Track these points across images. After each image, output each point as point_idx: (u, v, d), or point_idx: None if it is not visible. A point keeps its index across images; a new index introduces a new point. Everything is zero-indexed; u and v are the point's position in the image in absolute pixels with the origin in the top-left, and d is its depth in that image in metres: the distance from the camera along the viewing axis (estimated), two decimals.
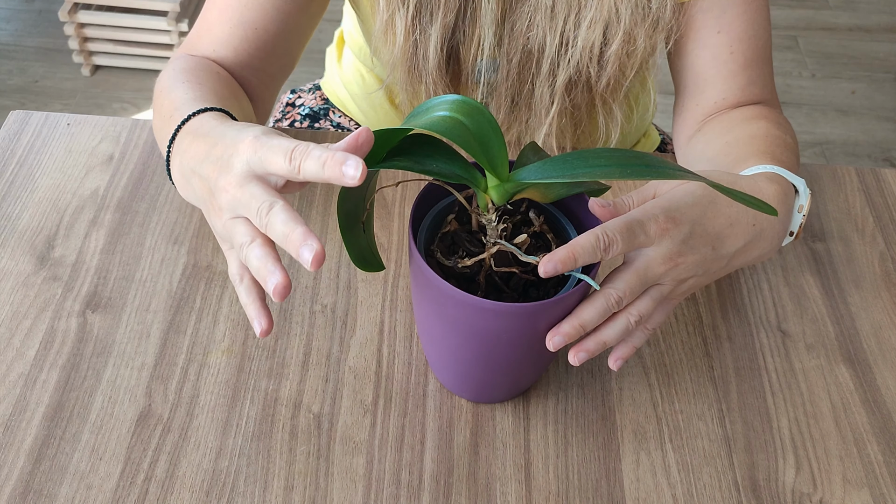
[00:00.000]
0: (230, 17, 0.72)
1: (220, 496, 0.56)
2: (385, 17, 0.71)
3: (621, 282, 0.51)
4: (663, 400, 0.62)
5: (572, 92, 0.74)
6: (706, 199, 0.55)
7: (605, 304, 0.51)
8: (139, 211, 0.73)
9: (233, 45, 0.72)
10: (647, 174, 0.45)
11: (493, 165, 0.48)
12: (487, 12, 0.70)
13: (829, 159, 2.01)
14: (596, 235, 0.49)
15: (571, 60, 0.71)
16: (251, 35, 0.72)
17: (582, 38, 0.69)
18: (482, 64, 0.74)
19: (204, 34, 0.73)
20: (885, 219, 0.77)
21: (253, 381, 0.62)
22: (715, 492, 0.57)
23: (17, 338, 0.63)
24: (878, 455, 0.60)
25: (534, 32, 0.70)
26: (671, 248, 0.52)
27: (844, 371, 0.65)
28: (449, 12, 0.70)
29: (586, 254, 0.49)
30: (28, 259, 0.69)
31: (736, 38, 0.73)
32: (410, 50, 0.72)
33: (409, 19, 0.70)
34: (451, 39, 0.72)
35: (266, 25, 0.72)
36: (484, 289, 0.52)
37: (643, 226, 0.51)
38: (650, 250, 0.52)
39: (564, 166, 0.47)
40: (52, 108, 2.04)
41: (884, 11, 2.46)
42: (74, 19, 2.02)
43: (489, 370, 0.56)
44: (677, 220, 0.52)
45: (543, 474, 0.58)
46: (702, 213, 0.54)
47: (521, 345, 0.52)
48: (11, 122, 0.80)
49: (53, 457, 0.57)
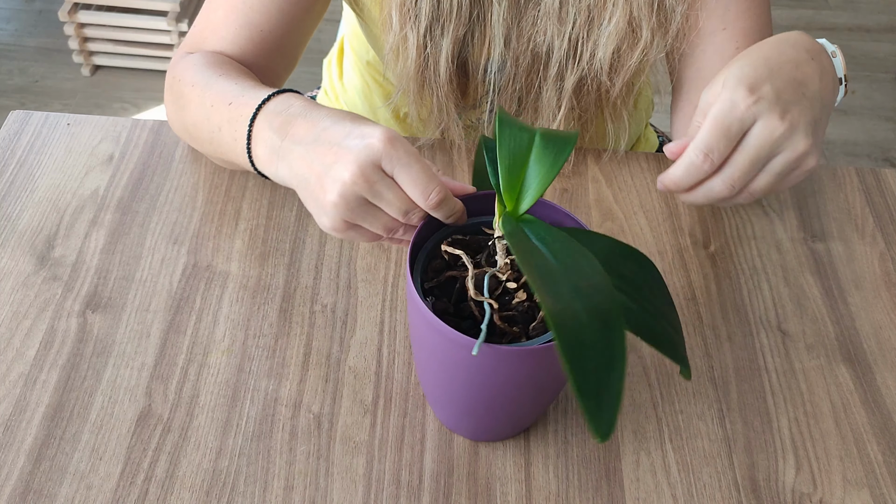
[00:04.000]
0: (236, 19, 0.72)
1: (220, 496, 0.56)
2: (398, 34, 0.71)
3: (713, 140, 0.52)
4: (663, 400, 0.62)
5: (581, 96, 0.74)
6: (760, 59, 0.54)
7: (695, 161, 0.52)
8: (139, 211, 0.73)
9: (239, 45, 0.72)
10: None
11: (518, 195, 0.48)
12: (499, 22, 0.70)
13: (829, 159, 2.01)
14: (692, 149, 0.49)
15: (580, 66, 0.71)
16: (257, 36, 0.72)
17: (600, 50, 0.69)
18: (492, 68, 0.74)
19: (208, 34, 0.73)
20: (885, 219, 0.77)
21: (253, 381, 0.62)
22: (715, 492, 0.57)
23: (17, 338, 0.63)
24: (878, 455, 0.60)
25: (540, 35, 0.70)
26: (772, 110, 0.51)
27: (844, 371, 0.65)
28: (461, 25, 0.70)
29: (693, 170, 0.50)
30: (28, 259, 0.69)
31: (741, 35, 0.73)
32: (423, 65, 0.72)
33: (422, 35, 0.70)
34: (461, 51, 0.72)
35: (271, 27, 0.72)
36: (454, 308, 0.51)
37: (730, 113, 0.50)
38: (757, 127, 0.51)
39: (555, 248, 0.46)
40: (52, 108, 2.04)
41: (884, 11, 2.46)
42: (74, 19, 2.02)
43: (489, 411, 0.55)
44: (755, 85, 0.51)
45: (543, 474, 0.58)
46: (769, 70, 0.53)
47: (520, 386, 0.52)
48: (11, 122, 0.80)
49: (53, 457, 0.57)
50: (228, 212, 0.73)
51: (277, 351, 0.63)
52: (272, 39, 0.73)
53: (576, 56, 0.70)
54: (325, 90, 1.01)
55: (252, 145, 0.60)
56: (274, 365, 0.63)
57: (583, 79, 0.72)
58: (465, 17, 0.70)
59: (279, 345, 0.64)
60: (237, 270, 0.68)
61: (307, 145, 0.55)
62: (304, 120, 0.57)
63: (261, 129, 0.59)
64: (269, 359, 0.63)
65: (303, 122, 0.56)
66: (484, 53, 0.73)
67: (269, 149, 0.58)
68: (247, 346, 0.64)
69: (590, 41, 0.69)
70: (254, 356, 0.63)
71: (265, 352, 0.63)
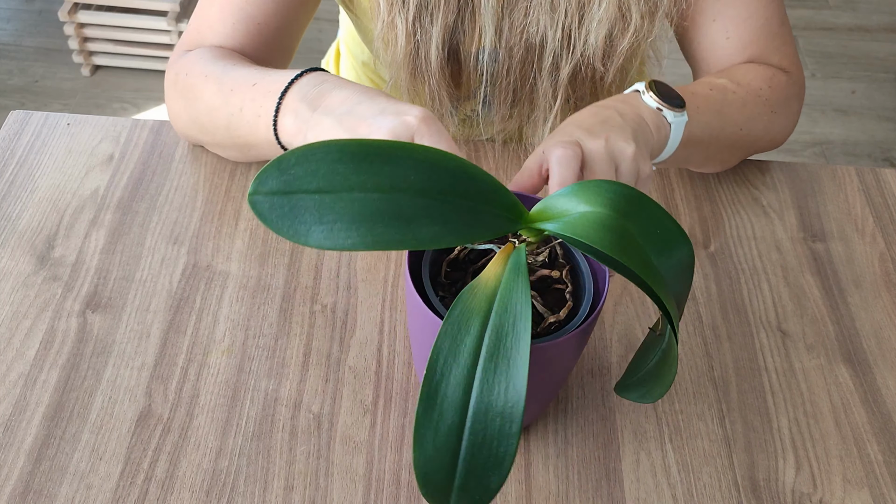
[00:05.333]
0: (232, 13, 0.72)
1: (220, 496, 0.56)
2: (386, 20, 0.71)
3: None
4: (663, 400, 0.62)
5: (577, 86, 0.74)
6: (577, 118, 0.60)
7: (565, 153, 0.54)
8: (139, 211, 0.73)
9: (237, 39, 0.73)
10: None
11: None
12: (488, 8, 0.70)
13: (829, 159, 2.01)
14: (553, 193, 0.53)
15: (574, 55, 0.71)
16: (254, 30, 0.73)
17: (592, 35, 0.70)
18: (484, 57, 0.74)
19: (206, 31, 0.73)
20: (885, 219, 0.77)
21: (253, 381, 0.62)
22: (715, 492, 0.57)
23: (17, 338, 0.63)
24: (878, 455, 0.60)
25: (533, 26, 0.70)
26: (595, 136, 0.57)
27: (844, 371, 0.65)
28: (450, 12, 0.70)
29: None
30: (28, 259, 0.69)
31: (731, 23, 0.74)
32: (412, 52, 0.72)
33: (410, 21, 0.70)
34: (451, 38, 0.72)
35: (267, 20, 0.73)
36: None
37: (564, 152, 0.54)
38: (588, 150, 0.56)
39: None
40: (52, 108, 2.04)
41: (884, 11, 2.46)
42: (74, 19, 2.02)
43: None
44: (575, 129, 0.57)
45: (543, 474, 0.58)
46: (582, 118, 0.59)
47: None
48: (11, 122, 0.80)
49: (53, 457, 0.57)
50: (228, 212, 0.73)
51: (277, 351, 0.63)
52: (269, 32, 0.74)
53: (570, 46, 0.71)
54: None
55: (279, 117, 0.61)
56: (274, 365, 0.63)
57: (577, 67, 0.72)
58: (454, 3, 0.70)
59: (279, 345, 0.64)
60: (237, 270, 0.68)
61: (340, 116, 0.55)
62: (339, 92, 0.58)
63: (291, 100, 0.60)
64: (269, 359, 0.63)
65: (338, 95, 0.57)
66: (475, 41, 0.73)
67: (299, 119, 0.59)
68: (247, 346, 0.64)
69: (582, 28, 0.70)
70: (254, 356, 0.63)
71: (265, 352, 0.63)
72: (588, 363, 0.64)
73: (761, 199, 0.77)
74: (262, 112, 0.62)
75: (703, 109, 0.67)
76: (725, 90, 0.70)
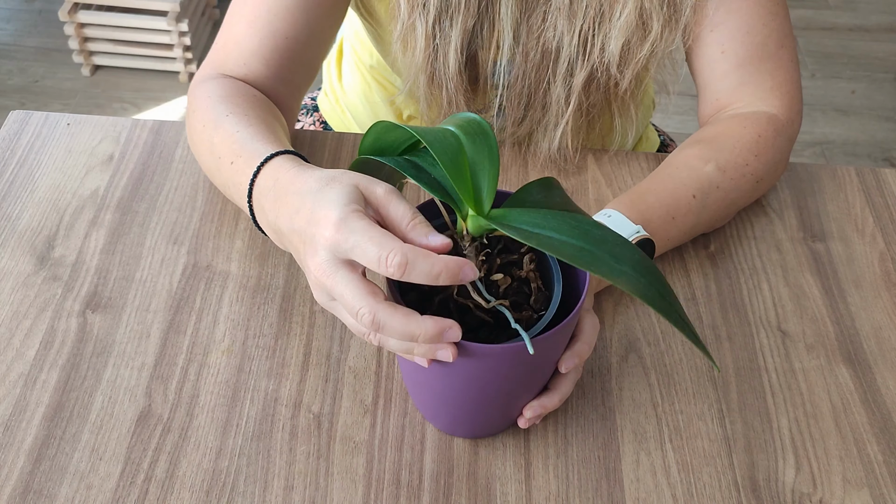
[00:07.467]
0: (259, 29, 0.71)
1: (220, 496, 0.56)
2: (406, 22, 0.71)
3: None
4: (663, 400, 0.62)
5: (590, 92, 0.74)
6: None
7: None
8: (139, 211, 0.73)
9: (264, 56, 0.72)
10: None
11: (476, 196, 0.46)
12: (508, 14, 0.70)
13: (829, 159, 2.01)
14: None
15: (590, 61, 0.71)
16: (281, 45, 0.72)
17: (610, 43, 0.69)
18: (501, 65, 0.74)
19: (232, 49, 0.72)
20: (885, 219, 0.77)
21: (253, 381, 0.62)
22: (715, 492, 0.57)
23: (17, 338, 0.63)
24: (878, 455, 0.60)
25: (551, 31, 0.70)
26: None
27: (844, 371, 0.65)
28: (469, 16, 0.70)
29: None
30: (28, 259, 0.69)
31: (728, 37, 0.72)
32: (431, 56, 0.72)
33: (430, 25, 0.70)
34: (470, 44, 0.72)
35: (296, 34, 0.72)
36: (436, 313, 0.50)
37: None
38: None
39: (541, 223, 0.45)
40: (52, 108, 2.04)
41: (884, 11, 2.46)
42: (74, 19, 2.02)
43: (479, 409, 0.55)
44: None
45: (543, 474, 0.58)
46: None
47: (509, 382, 0.51)
48: (11, 122, 0.80)
49: (53, 457, 0.57)
50: (228, 212, 0.73)
51: (277, 351, 0.63)
52: (296, 47, 0.72)
53: (585, 52, 0.71)
54: (324, 92, 1.01)
55: (257, 218, 0.60)
56: (274, 365, 0.63)
57: (592, 74, 0.72)
58: (474, 8, 0.70)
59: (279, 345, 0.64)
60: (237, 270, 0.68)
61: (286, 233, 0.53)
62: (284, 200, 0.54)
63: (259, 207, 0.59)
64: (269, 359, 0.63)
65: (284, 203, 0.54)
66: (493, 47, 0.73)
67: (268, 227, 0.57)
68: (247, 346, 0.64)
69: (600, 35, 0.69)
70: (254, 356, 0.63)
71: (265, 352, 0.63)
72: (588, 363, 0.64)
73: (761, 199, 0.77)
74: (244, 205, 0.61)
75: (680, 224, 0.68)
76: (709, 190, 0.69)
